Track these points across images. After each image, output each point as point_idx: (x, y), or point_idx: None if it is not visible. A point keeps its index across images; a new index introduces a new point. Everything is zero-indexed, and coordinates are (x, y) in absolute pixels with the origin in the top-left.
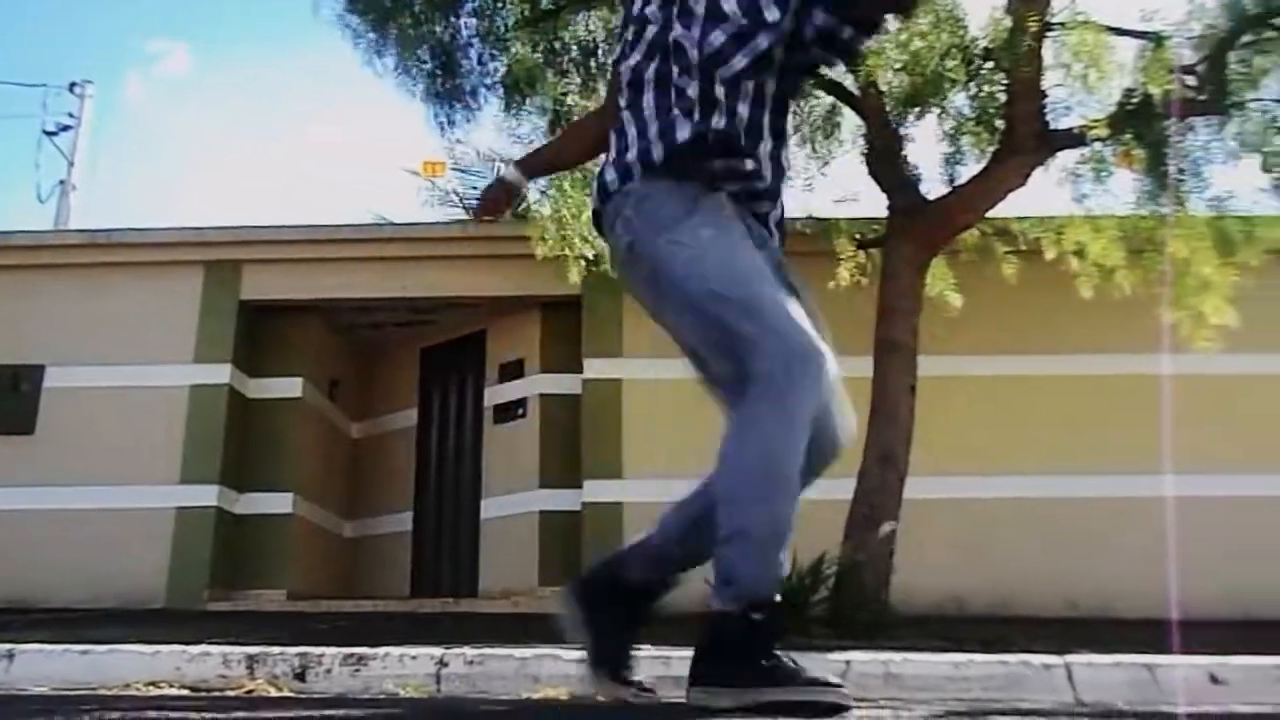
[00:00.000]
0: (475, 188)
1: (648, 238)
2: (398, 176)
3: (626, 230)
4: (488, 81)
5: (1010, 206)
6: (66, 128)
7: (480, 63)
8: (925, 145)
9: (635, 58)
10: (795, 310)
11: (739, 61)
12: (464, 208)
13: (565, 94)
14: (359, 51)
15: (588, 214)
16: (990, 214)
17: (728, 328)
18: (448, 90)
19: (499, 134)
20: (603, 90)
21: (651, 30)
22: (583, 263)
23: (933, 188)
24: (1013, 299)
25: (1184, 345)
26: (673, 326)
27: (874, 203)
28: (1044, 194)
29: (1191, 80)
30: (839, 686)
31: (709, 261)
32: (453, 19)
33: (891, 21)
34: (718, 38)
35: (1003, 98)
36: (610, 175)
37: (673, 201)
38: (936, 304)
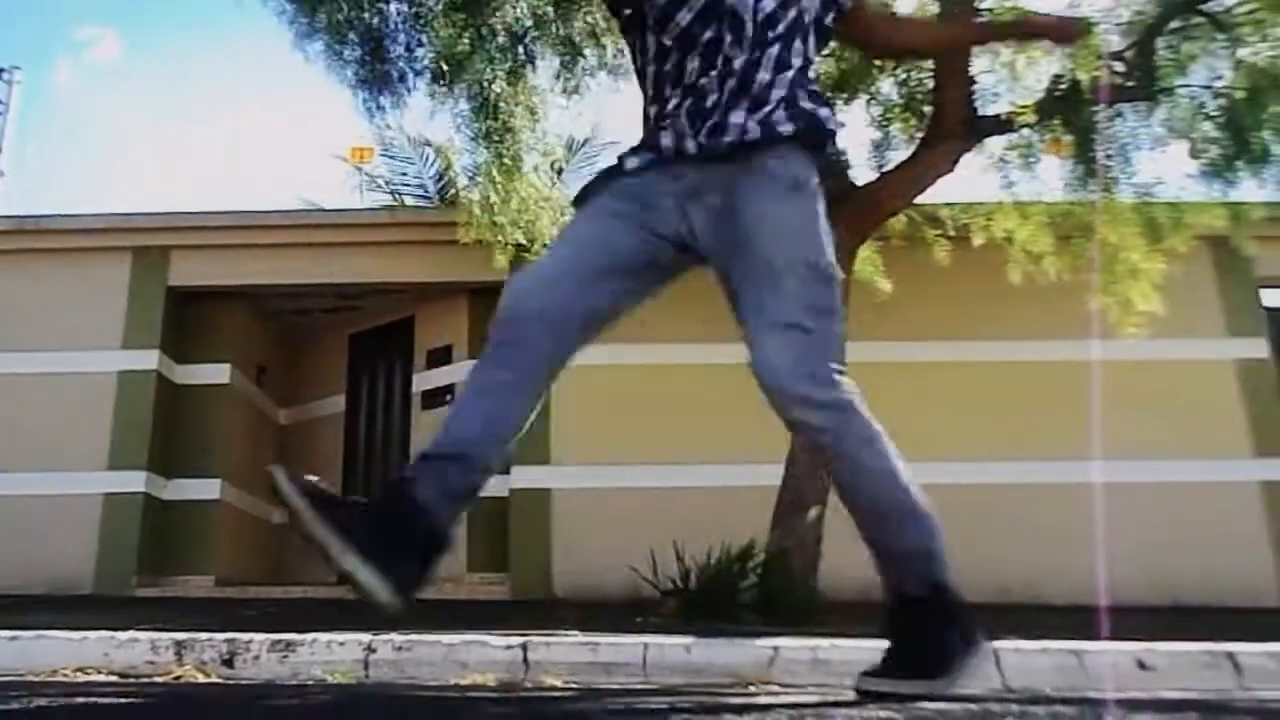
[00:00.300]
0: (404, 174)
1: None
2: (327, 163)
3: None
4: (416, 67)
5: (939, 193)
6: None
7: (408, 49)
8: (853, 131)
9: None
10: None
11: None
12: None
13: (493, 79)
14: (289, 34)
15: (516, 199)
16: (920, 200)
17: None
18: (376, 76)
19: (428, 119)
20: (530, 76)
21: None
22: (511, 248)
23: (861, 173)
24: (942, 285)
25: (1112, 331)
26: None
27: None
28: (973, 180)
29: (1120, 66)
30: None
31: None
32: (381, 4)
33: None
34: None
35: (930, 84)
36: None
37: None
38: (866, 289)
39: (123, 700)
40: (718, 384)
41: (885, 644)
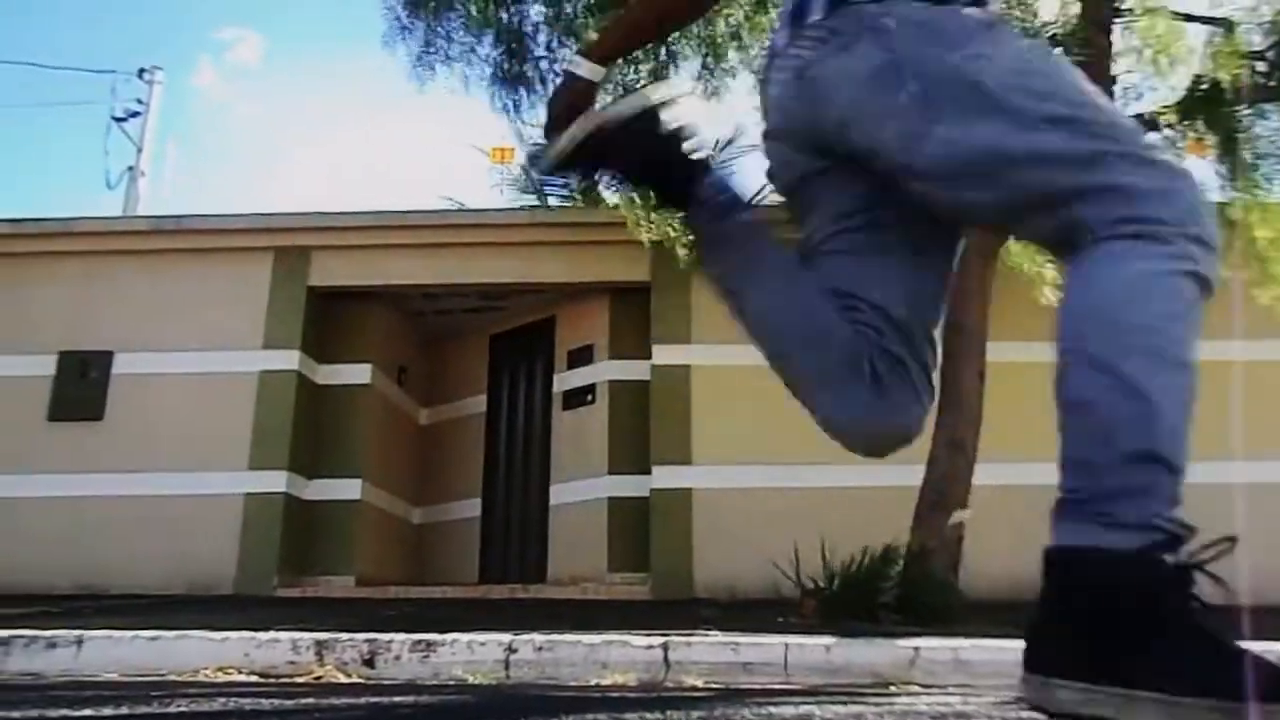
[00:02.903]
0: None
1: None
2: (470, 162)
3: (881, 45)
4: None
5: None
6: (136, 114)
7: (549, 48)
8: None
9: None
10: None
11: None
12: (535, 188)
13: (636, 80)
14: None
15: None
16: None
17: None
18: (514, 75)
19: None
20: (672, 76)
21: None
22: (683, 250)
23: None
24: None
25: (1262, 331)
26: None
27: None
28: None
29: (1262, 66)
30: None
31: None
32: (518, 5)
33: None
34: None
35: None
36: None
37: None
38: (1014, 288)
39: (263, 700)
40: None
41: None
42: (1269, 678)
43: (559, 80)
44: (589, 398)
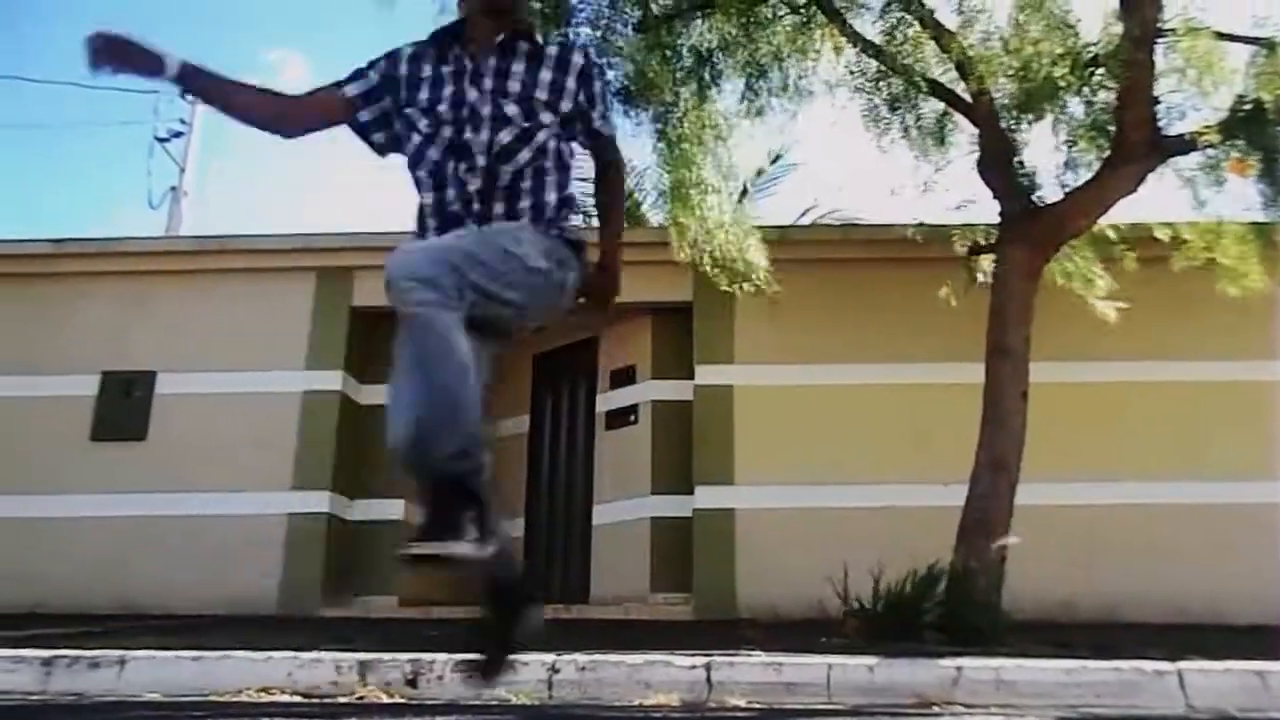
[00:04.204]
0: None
1: None
2: None
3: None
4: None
5: (1133, 212)
6: (179, 134)
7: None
8: (1036, 151)
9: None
10: None
11: None
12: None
13: (676, 101)
14: None
15: (703, 221)
16: (1109, 219)
17: None
18: None
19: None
20: (716, 97)
21: None
22: (697, 269)
23: (1046, 194)
24: (1131, 304)
25: None
26: None
27: (987, 209)
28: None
29: None
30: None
31: None
32: (564, 28)
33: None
34: None
35: (1114, 103)
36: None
37: None
38: (1057, 309)
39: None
40: (901, 404)
41: (1067, 664)
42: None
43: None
44: (632, 418)
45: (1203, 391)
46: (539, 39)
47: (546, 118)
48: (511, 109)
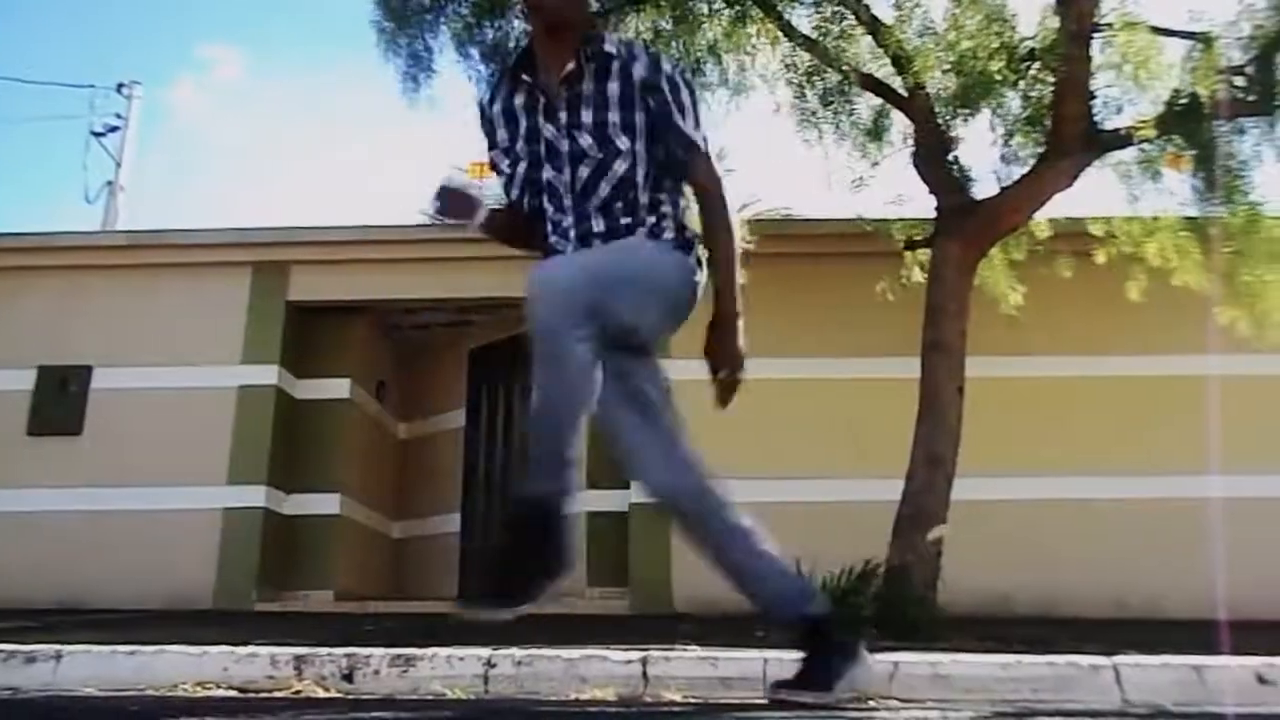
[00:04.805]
0: None
1: None
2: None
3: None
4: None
5: (1068, 207)
6: (115, 129)
7: None
8: (973, 146)
9: None
10: None
11: None
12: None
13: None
14: (395, 61)
15: None
16: (1047, 214)
17: None
18: None
19: None
20: None
21: None
22: None
23: (983, 188)
24: (1070, 300)
25: (1236, 345)
26: None
27: (923, 204)
28: (1100, 194)
29: (1240, 81)
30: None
31: None
32: (500, 21)
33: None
34: None
35: (1051, 98)
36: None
37: None
38: (997, 304)
39: (242, 715)
40: (837, 399)
41: (1003, 659)
42: None
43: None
44: None
45: (1139, 386)
46: (609, 47)
47: (623, 143)
48: (585, 140)
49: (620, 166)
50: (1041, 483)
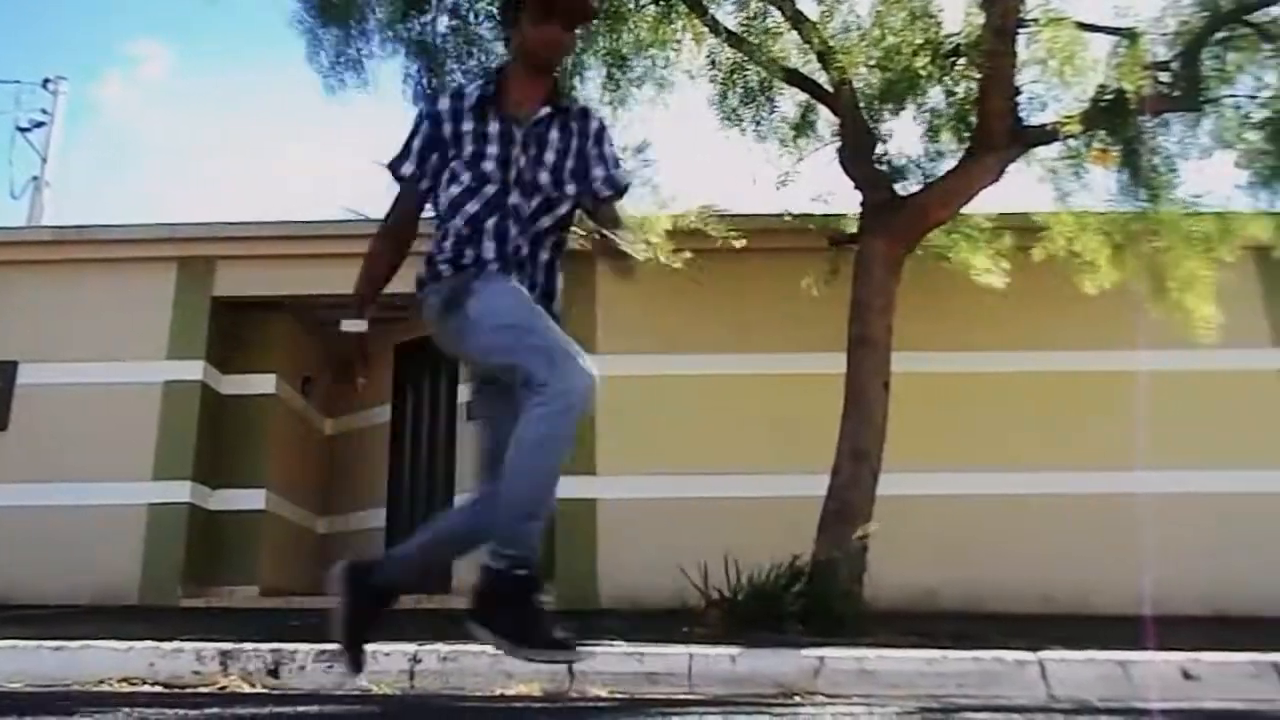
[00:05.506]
0: None
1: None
2: (374, 173)
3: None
4: (468, 80)
5: (995, 203)
6: (40, 124)
7: (459, 60)
8: (902, 141)
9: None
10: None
11: None
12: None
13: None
14: (319, 57)
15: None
16: (973, 210)
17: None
18: (429, 88)
19: None
20: (578, 87)
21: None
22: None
23: (910, 184)
24: (991, 295)
25: (1162, 341)
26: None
27: (849, 199)
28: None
29: (1165, 77)
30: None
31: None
32: (424, 20)
33: None
34: None
35: (976, 94)
36: None
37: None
38: (919, 299)
39: (168, 710)
40: (764, 394)
41: (929, 654)
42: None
43: (341, 336)
44: None
45: (1066, 382)
46: (567, 103)
47: (571, 188)
48: (544, 177)
49: (564, 209)
50: (967, 478)
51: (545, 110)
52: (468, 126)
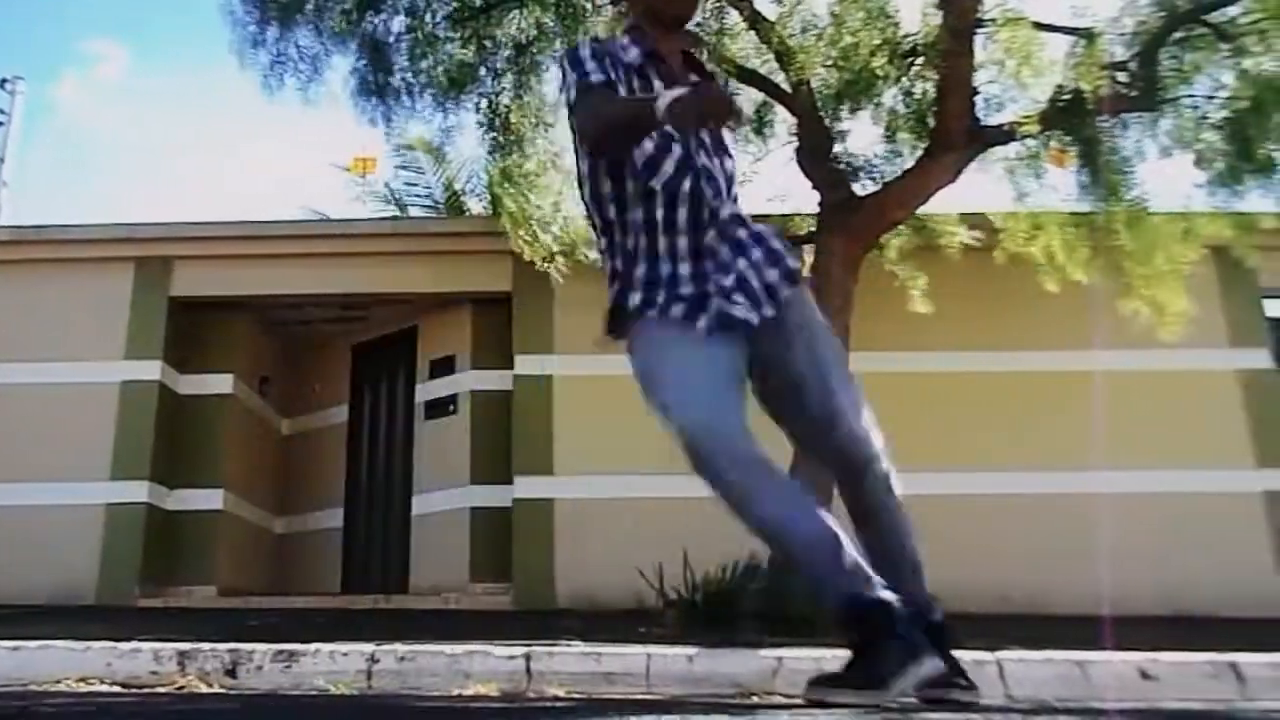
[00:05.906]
0: (413, 184)
1: None
2: (333, 173)
3: None
4: (421, 80)
5: (955, 202)
6: None
7: (412, 59)
8: (860, 141)
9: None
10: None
11: None
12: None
13: (499, 92)
14: (258, 56)
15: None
16: (933, 210)
17: None
18: (379, 87)
19: (438, 131)
20: (536, 86)
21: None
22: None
23: (868, 184)
24: (950, 295)
25: (1121, 340)
26: None
27: (806, 199)
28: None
29: (1123, 77)
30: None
31: None
32: (380, 16)
33: None
34: None
35: (934, 94)
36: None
37: None
38: (880, 301)
39: (126, 711)
40: None
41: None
42: None
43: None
44: (451, 408)
45: (1024, 382)
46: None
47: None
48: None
49: (732, 169)
50: (924, 478)
51: (693, 77)
52: (641, 79)
